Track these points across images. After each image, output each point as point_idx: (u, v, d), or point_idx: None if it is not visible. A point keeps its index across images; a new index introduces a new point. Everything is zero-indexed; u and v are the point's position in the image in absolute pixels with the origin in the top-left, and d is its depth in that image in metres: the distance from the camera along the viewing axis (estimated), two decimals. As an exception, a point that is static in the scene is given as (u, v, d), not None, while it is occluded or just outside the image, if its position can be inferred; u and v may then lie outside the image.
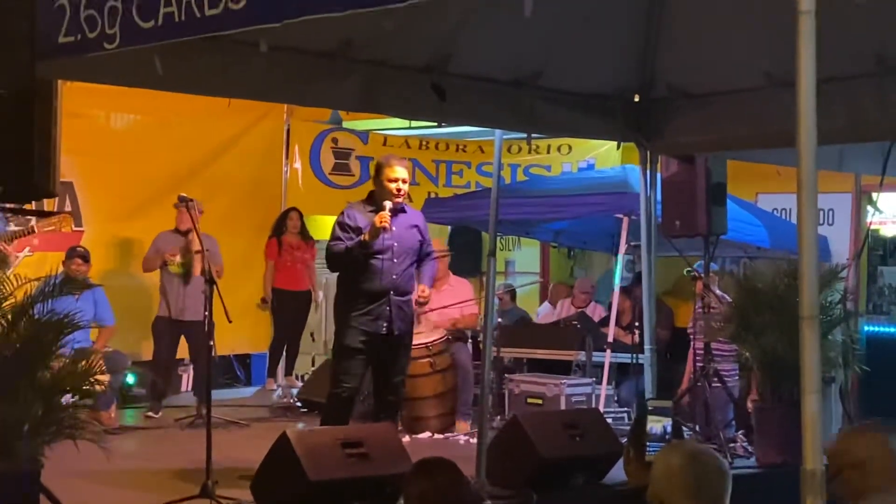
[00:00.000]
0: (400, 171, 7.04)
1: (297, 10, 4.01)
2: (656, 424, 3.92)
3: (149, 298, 10.32)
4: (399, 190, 6.99)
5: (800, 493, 3.05)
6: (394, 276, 7.09)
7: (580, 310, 11.14)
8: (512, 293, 11.93)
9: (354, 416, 9.45)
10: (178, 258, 9.73)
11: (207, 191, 10.23)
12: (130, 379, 9.95)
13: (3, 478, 5.36)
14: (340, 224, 7.06)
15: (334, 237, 7.09)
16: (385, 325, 7.10)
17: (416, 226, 7.31)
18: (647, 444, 3.89)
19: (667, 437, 3.88)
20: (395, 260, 7.09)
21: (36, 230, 8.49)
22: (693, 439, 7.59)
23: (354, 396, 7.31)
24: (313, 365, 11.50)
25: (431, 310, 9.79)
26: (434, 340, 9.34)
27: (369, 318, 7.06)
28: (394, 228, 7.01)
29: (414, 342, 9.10)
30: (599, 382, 9.45)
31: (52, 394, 5.73)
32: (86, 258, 9.39)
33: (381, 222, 6.87)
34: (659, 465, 3.45)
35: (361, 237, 6.93)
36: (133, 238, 10.64)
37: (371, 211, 7.05)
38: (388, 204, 6.93)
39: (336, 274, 7.71)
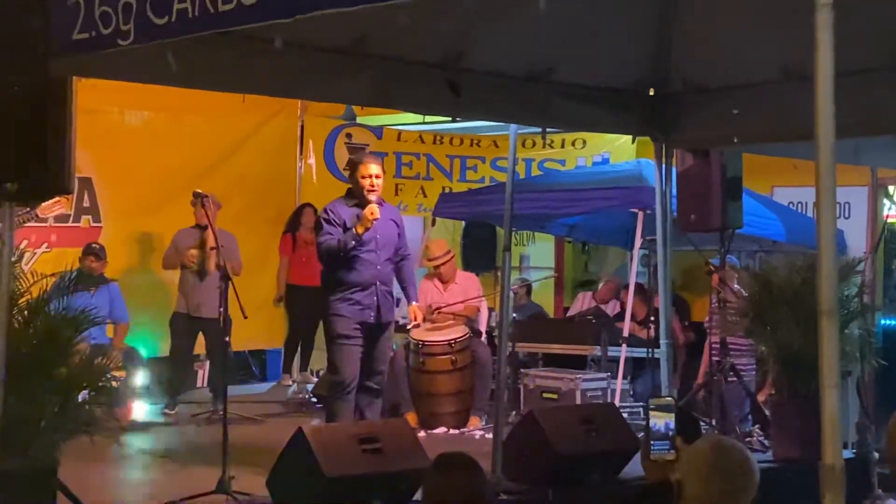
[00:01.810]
0: (373, 168, 7.51)
1: (309, 6, 4.00)
2: (658, 421, 3.90)
3: (166, 294, 10.33)
4: (373, 185, 7.44)
5: (818, 488, 3.04)
6: (378, 267, 7.52)
7: (597, 305, 11.15)
8: (527, 288, 11.92)
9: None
10: (197, 259, 9.74)
11: (222, 187, 10.24)
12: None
13: (20, 474, 5.38)
14: (326, 220, 7.46)
15: (324, 233, 7.46)
16: (373, 314, 7.48)
17: (394, 220, 7.75)
18: (651, 441, 3.87)
19: (669, 433, 3.86)
20: (379, 252, 7.51)
21: (39, 213, 8.52)
22: (716, 434, 7.59)
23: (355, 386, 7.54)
24: (328, 360, 11.52)
25: (442, 307, 9.77)
26: (457, 338, 9.33)
27: (358, 308, 7.44)
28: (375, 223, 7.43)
29: (436, 339, 9.25)
30: (615, 377, 9.44)
31: (68, 390, 5.75)
32: (99, 256, 9.39)
33: (371, 215, 7.32)
34: (688, 448, 3.46)
35: (354, 229, 7.33)
36: (150, 233, 10.66)
37: (354, 205, 7.47)
38: (373, 197, 7.39)
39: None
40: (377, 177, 7.47)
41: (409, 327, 8.09)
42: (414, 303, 7.99)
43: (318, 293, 11.19)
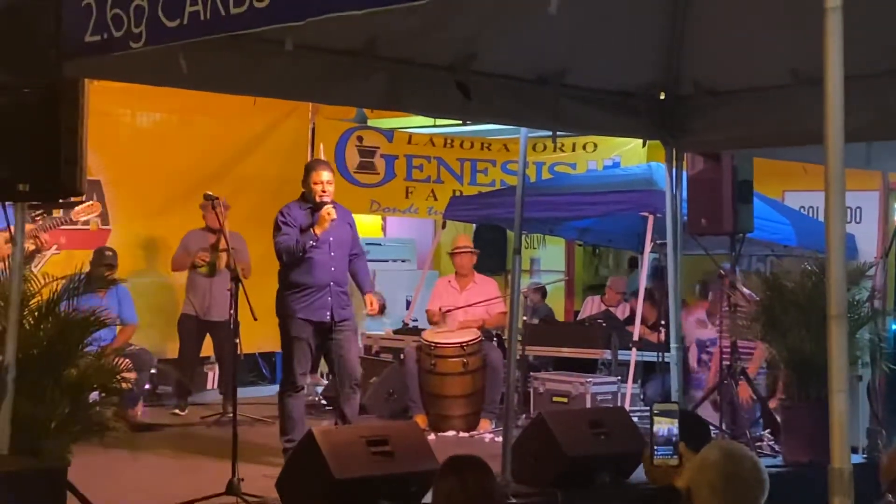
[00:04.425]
0: (325, 175, 7.83)
1: (320, 9, 4.02)
2: (662, 426, 3.89)
3: (174, 296, 10.35)
4: (324, 191, 7.75)
5: (827, 493, 3.04)
6: (332, 269, 7.75)
7: (607, 308, 11.14)
8: (542, 292, 11.93)
9: (383, 414, 9.54)
10: (207, 260, 9.75)
11: (233, 189, 10.25)
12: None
13: (31, 475, 5.39)
14: (284, 222, 7.76)
15: (282, 233, 7.74)
16: (328, 313, 7.68)
17: (348, 222, 8.00)
18: (654, 446, 3.87)
19: (673, 438, 3.85)
20: (333, 253, 7.76)
21: (73, 217, 8.60)
22: (723, 438, 7.57)
23: (306, 383, 7.92)
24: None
25: (458, 307, 9.80)
26: (469, 341, 9.35)
27: (313, 308, 7.67)
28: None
29: (448, 341, 9.31)
30: (625, 381, 9.43)
31: (78, 392, 5.75)
32: (113, 265, 9.32)
33: (329, 215, 7.61)
34: (697, 456, 3.44)
35: (312, 230, 7.62)
36: (159, 236, 10.67)
37: (308, 209, 7.76)
38: (327, 199, 7.69)
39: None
40: (329, 183, 7.78)
41: (366, 312, 8.20)
42: (370, 293, 8.16)
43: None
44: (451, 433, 9.15)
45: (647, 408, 9.22)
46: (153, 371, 9.89)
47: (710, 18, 7.10)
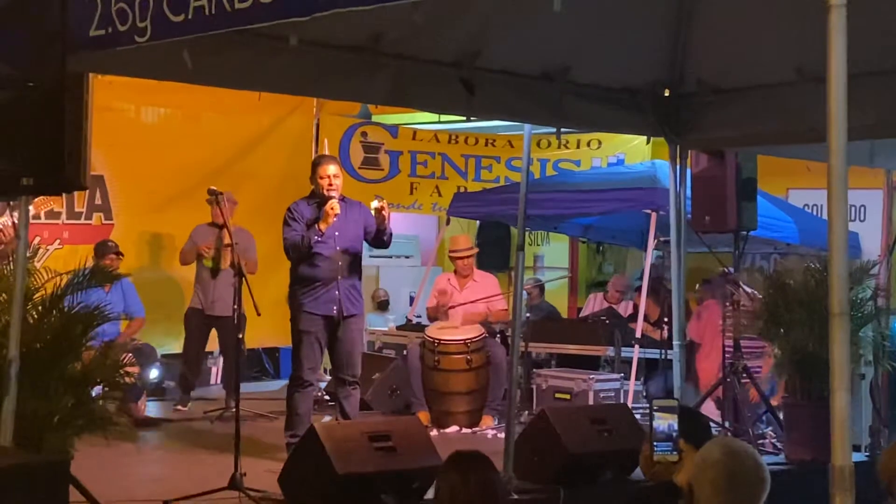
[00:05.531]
0: (331, 169, 7.84)
1: (325, 4, 4.02)
2: (662, 422, 3.91)
3: (178, 292, 10.37)
4: (331, 184, 7.76)
5: (829, 490, 3.04)
6: (339, 263, 7.75)
7: (610, 305, 11.14)
8: (540, 288, 11.93)
9: (386, 410, 9.55)
10: (211, 251, 9.78)
11: (237, 185, 10.26)
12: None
13: (34, 469, 5.39)
14: (292, 218, 7.79)
15: (290, 230, 7.77)
16: (335, 307, 7.70)
17: (357, 215, 7.94)
18: (654, 442, 3.88)
19: (673, 434, 3.87)
20: (338, 248, 7.74)
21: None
22: (727, 437, 7.57)
23: (314, 379, 7.97)
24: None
25: (459, 304, 9.81)
26: (473, 338, 9.35)
27: (319, 302, 7.69)
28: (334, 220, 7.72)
29: (452, 338, 9.30)
30: (628, 378, 9.43)
31: (82, 386, 5.77)
32: (119, 253, 9.40)
33: (332, 210, 7.64)
34: (699, 453, 3.46)
35: (317, 225, 7.65)
36: (162, 232, 10.69)
37: (316, 204, 7.78)
38: (333, 193, 7.72)
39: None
40: (335, 176, 7.79)
41: (374, 205, 7.92)
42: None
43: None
44: (453, 429, 9.16)
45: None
46: (157, 365, 9.92)
47: (714, 16, 7.10)
